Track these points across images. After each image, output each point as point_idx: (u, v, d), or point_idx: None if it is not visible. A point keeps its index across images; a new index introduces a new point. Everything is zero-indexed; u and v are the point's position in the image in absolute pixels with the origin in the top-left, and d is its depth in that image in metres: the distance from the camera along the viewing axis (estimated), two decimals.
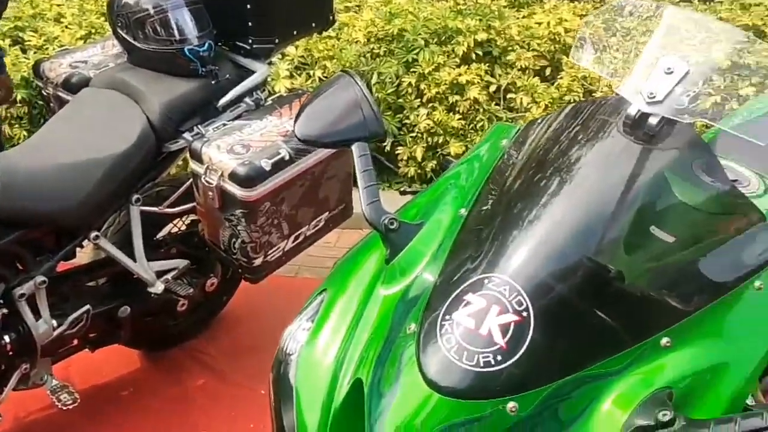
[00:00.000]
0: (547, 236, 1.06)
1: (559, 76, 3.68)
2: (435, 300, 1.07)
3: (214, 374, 2.45)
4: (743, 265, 1.09)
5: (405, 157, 3.50)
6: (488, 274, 1.03)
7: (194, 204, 2.18)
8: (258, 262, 2.13)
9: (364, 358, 1.09)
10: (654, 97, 1.09)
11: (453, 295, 1.03)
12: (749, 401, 1.03)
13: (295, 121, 1.31)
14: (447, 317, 1.01)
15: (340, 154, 2.18)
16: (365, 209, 1.21)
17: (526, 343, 0.96)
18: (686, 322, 1.02)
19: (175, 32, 2.10)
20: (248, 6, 2.14)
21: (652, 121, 1.09)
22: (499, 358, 0.96)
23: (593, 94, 3.57)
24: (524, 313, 0.98)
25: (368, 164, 1.24)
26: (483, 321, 0.98)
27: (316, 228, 2.30)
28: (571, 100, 3.54)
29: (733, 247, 1.11)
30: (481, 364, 0.96)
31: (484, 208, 1.20)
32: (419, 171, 3.51)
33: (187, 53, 2.10)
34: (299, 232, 2.22)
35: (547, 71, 3.78)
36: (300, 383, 1.12)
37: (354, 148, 1.26)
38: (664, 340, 1.01)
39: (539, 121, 1.32)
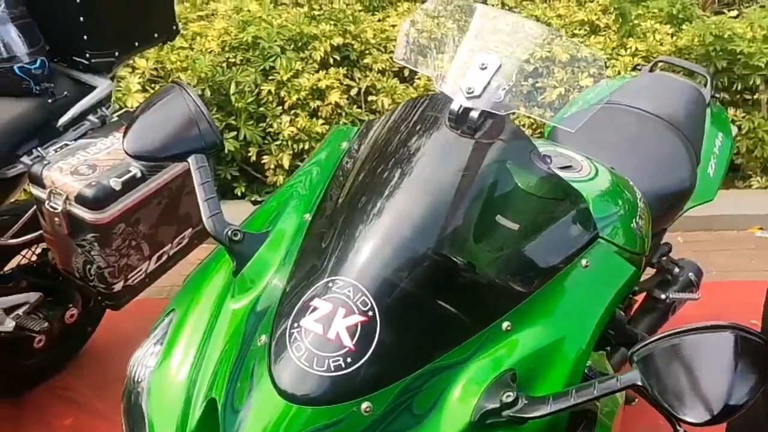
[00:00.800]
0: (386, 234, 1.07)
1: (416, 77, 3.77)
2: (283, 309, 1.06)
3: (83, 410, 2.31)
4: (570, 245, 1.15)
5: (272, 166, 3.46)
6: (333, 277, 1.04)
7: (41, 232, 2.05)
8: (118, 287, 2.02)
9: (217, 376, 1.06)
10: (472, 92, 1.14)
11: (300, 302, 1.03)
12: (587, 371, 1.09)
13: (124, 137, 1.26)
14: (295, 325, 1.01)
15: None
16: (206, 222, 1.18)
17: (374, 342, 0.97)
18: (524, 304, 1.07)
19: (2, 50, 1.96)
20: (81, 19, 2.03)
21: (474, 115, 1.13)
22: (349, 360, 0.96)
23: None
24: (370, 313, 0.99)
25: (207, 176, 1.22)
26: (330, 325, 0.98)
27: (180, 245, 2.22)
28: None
29: (560, 228, 1.18)
30: (332, 369, 0.96)
31: (327, 211, 1.20)
32: (287, 178, 3.48)
33: (18, 71, 1.96)
34: (162, 251, 2.13)
35: (405, 72, 3.87)
36: (152, 410, 1.08)
37: (191, 160, 1.23)
38: (505, 324, 1.06)
39: (376, 120, 1.34)
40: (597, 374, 1.08)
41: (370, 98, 3.66)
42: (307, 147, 3.47)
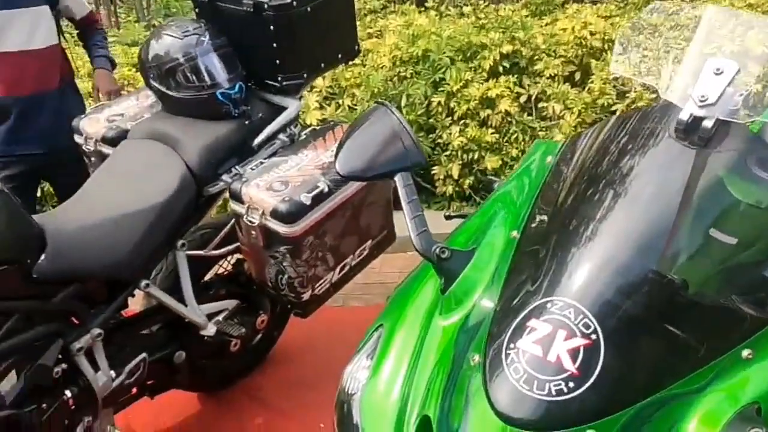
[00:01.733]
0: (607, 252, 1.02)
1: (589, 80, 3.64)
2: (497, 328, 1.04)
3: (272, 411, 2.43)
4: None
5: (441, 177, 3.48)
6: (550, 297, 1.00)
7: (238, 244, 2.19)
8: (306, 296, 2.12)
9: (430, 393, 1.06)
10: (706, 99, 1.05)
11: (516, 322, 1.00)
12: None
13: (336, 158, 1.30)
14: (512, 346, 0.98)
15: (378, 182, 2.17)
16: (415, 240, 1.19)
17: (599, 367, 0.93)
18: (766, 331, 0.98)
19: (206, 78, 2.12)
20: (275, 45, 2.16)
21: (707, 124, 1.05)
22: (571, 384, 0.92)
23: (626, 95, 3.51)
24: (593, 336, 0.94)
25: (413, 194, 1.23)
26: (550, 347, 0.95)
27: (361, 257, 2.29)
28: (605, 104, 3.49)
29: None
30: (554, 393, 0.92)
31: (538, 228, 1.17)
32: (457, 189, 3.49)
33: (220, 97, 2.12)
34: (344, 262, 2.21)
35: (577, 76, 3.74)
36: (366, 423, 1.10)
37: (397, 179, 1.24)
38: (746, 352, 0.96)
39: (583, 135, 1.29)
40: None
41: (540, 105, 3.57)
42: (476, 156, 3.45)
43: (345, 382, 1.18)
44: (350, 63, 3.58)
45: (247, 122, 2.17)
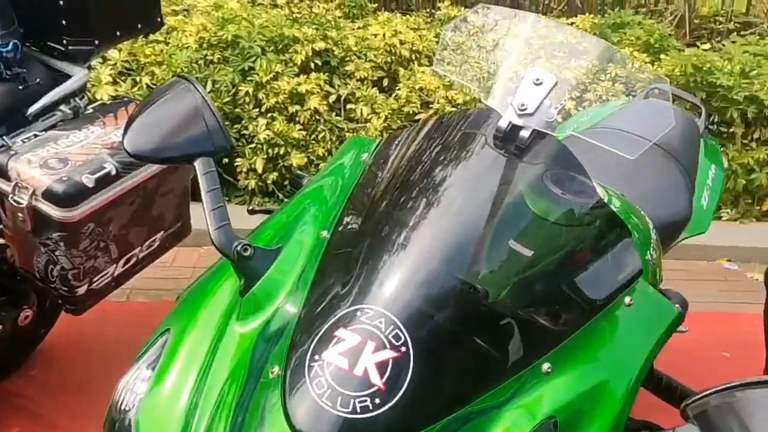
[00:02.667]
0: (420, 260, 0.98)
1: (396, 88, 3.71)
2: (300, 337, 0.95)
3: (34, 419, 2.13)
4: (613, 281, 1.08)
5: (244, 170, 3.34)
6: (360, 305, 0.93)
7: (0, 227, 1.89)
8: (82, 290, 1.88)
9: (220, 409, 0.94)
10: (525, 109, 1.05)
11: (321, 332, 0.92)
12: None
13: (125, 134, 1.13)
14: (316, 357, 0.90)
15: (175, 168, 1.99)
16: (213, 234, 1.06)
17: (407, 381, 0.88)
18: (564, 345, 0.99)
19: None
20: (61, 2, 1.89)
21: (524, 133, 1.05)
22: (377, 401, 0.86)
23: (430, 105, 3.63)
24: (403, 348, 0.89)
25: (215, 183, 1.10)
26: (358, 360, 0.88)
27: (150, 249, 2.09)
28: (410, 111, 3.57)
29: (605, 263, 1.11)
30: (358, 410, 0.86)
31: (349, 230, 1.10)
32: (260, 184, 3.36)
33: None
34: (131, 254, 2.00)
35: (385, 82, 3.80)
36: None
37: (197, 164, 1.11)
38: (545, 366, 0.97)
39: (401, 134, 1.24)
40: (639, 424, 1.00)
41: (349, 106, 3.57)
42: (282, 152, 3.35)
43: (119, 395, 1.02)
44: (151, 38, 3.31)
45: (20, 87, 1.89)
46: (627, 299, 1.06)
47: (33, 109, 1.92)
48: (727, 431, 0.83)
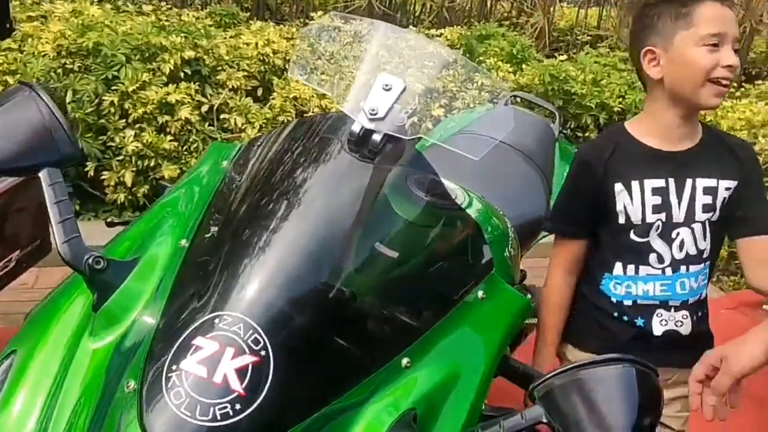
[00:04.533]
0: (278, 264, 0.98)
1: (271, 97, 3.69)
2: (158, 348, 0.92)
3: None
4: (468, 277, 1.12)
5: (112, 183, 3.20)
6: (219, 312, 0.92)
7: None
8: None
9: (72, 428, 0.89)
10: (376, 113, 1.08)
11: (179, 341, 0.90)
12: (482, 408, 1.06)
13: None
14: (173, 367, 0.87)
15: (29, 183, 1.88)
16: (61, 248, 1.01)
17: (267, 385, 0.87)
18: (422, 340, 1.02)
19: None
20: None
21: (376, 137, 1.07)
22: (237, 407, 0.85)
23: (305, 115, 3.63)
24: (262, 352, 0.88)
25: (62, 194, 1.05)
26: (216, 367, 0.87)
27: (6, 269, 1.97)
28: (285, 120, 3.55)
29: (458, 260, 1.15)
30: (218, 417, 0.84)
31: (208, 237, 1.07)
32: (130, 197, 3.23)
33: None
34: None
35: (259, 91, 3.77)
36: None
37: (42, 175, 1.05)
38: (404, 361, 0.99)
39: (261, 139, 1.24)
40: (495, 411, 1.05)
41: (222, 116, 3.50)
42: (152, 164, 3.24)
43: None
44: (2, 46, 3.11)
45: None
46: (480, 293, 1.11)
47: None
48: (570, 408, 0.88)
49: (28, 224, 1.99)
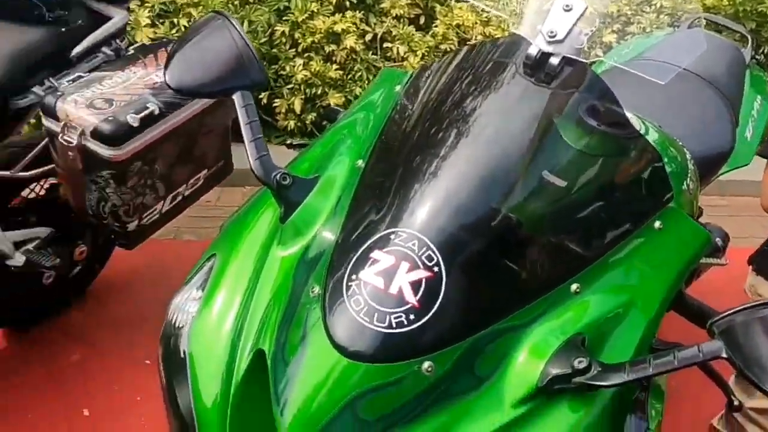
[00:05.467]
0: (451, 187, 1.01)
1: (433, 25, 3.65)
2: (338, 259, 0.99)
3: (92, 348, 2.27)
4: (645, 206, 1.09)
5: (283, 110, 3.37)
6: (394, 228, 0.97)
7: (52, 166, 1.97)
8: (132, 226, 1.97)
9: (265, 325, 1.00)
10: (554, 35, 1.05)
11: (358, 253, 0.97)
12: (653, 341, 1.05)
13: (165, 69, 1.17)
14: (353, 277, 0.95)
15: (216, 108, 2.04)
16: (254, 165, 1.11)
17: (439, 299, 0.92)
18: (593, 267, 1.02)
19: None
20: None
21: (554, 61, 1.05)
22: (411, 317, 0.91)
23: (467, 42, 3.58)
24: (435, 269, 0.93)
25: (253, 115, 1.13)
26: (392, 279, 0.93)
27: (194, 187, 2.16)
28: (447, 49, 3.53)
29: (636, 188, 1.12)
30: (394, 325, 0.90)
31: (383, 159, 1.13)
32: (299, 124, 3.40)
33: None
34: (176, 192, 2.08)
35: (422, 19, 3.74)
36: (194, 356, 1.02)
37: (236, 97, 1.14)
38: (574, 287, 1.00)
39: (433, 65, 1.26)
40: (666, 345, 1.03)
41: (385, 45, 3.54)
42: (319, 92, 3.37)
43: (171, 314, 1.09)
44: None
45: (63, 29, 1.94)
46: (657, 223, 1.07)
47: (76, 50, 1.97)
48: (752, 346, 0.85)
49: (214, 146, 2.16)
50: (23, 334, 2.29)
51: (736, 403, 1.07)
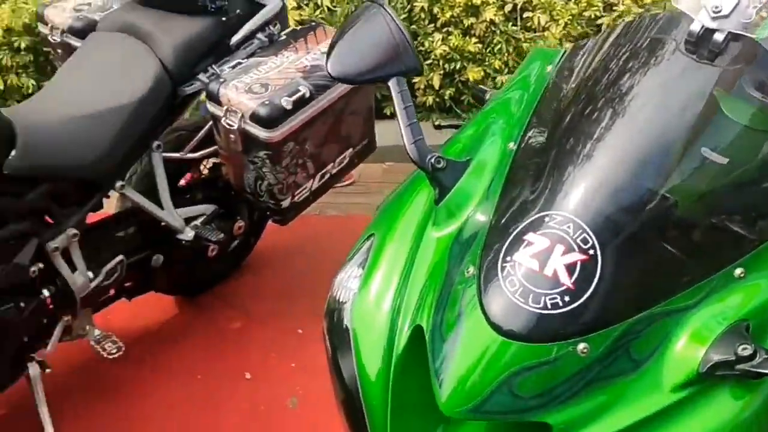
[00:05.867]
0: (607, 168, 1.00)
1: None
2: (493, 240, 1.02)
3: (249, 317, 2.45)
4: None
5: (422, 86, 3.40)
6: (548, 211, 0.98)
7: (215, 148, 2.14)
8: (286, 203, 2.10)
9: (422, 304, 1.06)
10: (719, 11, 1.01)
11: (512, 235, 0.99)
12: None
13: (327, 59, 1.24)
14: (508, 258, 0.97)
15: (360, 89, 2.11)
16: (409, 149, 1.15)
17: (594, 282, 0.92)
18: (760, 251, 0.98)
19: None
20: None
21: (718, 37, 1.01)
22: (567, 299, 0.92)
23: (614, 8, 3.43)
24: (590, 252, 0.94)
25: (408, 100, 1.18)
26: (547, 261, 0.94)
27: (341, 165, 2.26)
28: (591, 16, 3.40)
29: None
30: (549, 306, 0.92)
31: (536, 141, 1.14)
32: (437, 100, 3.42)
33: None
34: (325, 170, 2.18)
35: None
36: (357, 331, 1.10)
37: (391, 84, 1.19)
38: (738, 271, 0.97)
39: (586, 43, 1.24)
40: None
41: (525, 15, 3.47)
42: (458, 66, 3.37)
43: (336, 290, 1.17)
44: None
45: (224, 18, 2.07)
46: None
47: (235, 38, 2.09)
48: None
49: (359, 125, 2.24)
50: (191, 302, 2.51)
51: None
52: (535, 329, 0.92)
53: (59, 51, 2.21)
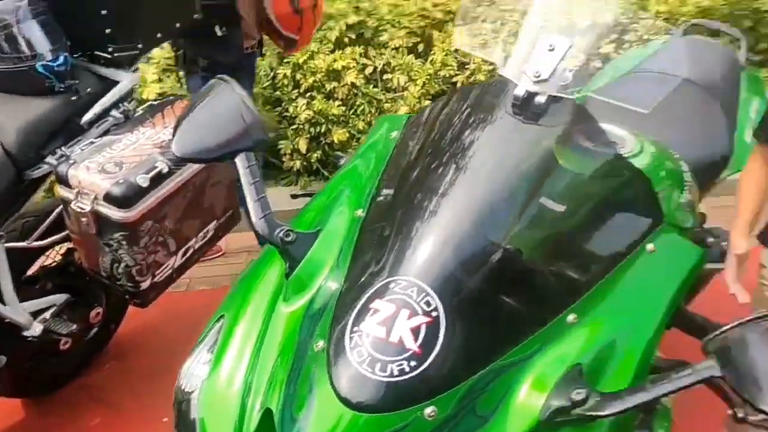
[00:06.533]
0: (447, 229, 1.03)
1: (431, 52, 3.70)
2: (341, 311, 1.02)
3: (111, 408, 2.29)
4: (636, 230, 1.11)
5: (288, 151, 3.42)
6: (393, 277, 1.00)
7: (66, 232, 2.02)
8: (146, 285, 1.99)
9: (273, 384, 1.03)
10: (539, 76, 1.08)
11: (359, 304, 0.99)
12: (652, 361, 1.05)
13: (173, 138, 1.21)
14: (355, 329, 0.97)
15: None
16: (257, 224, 1.14)
17: (438, 344, 0.94)
18: (589, 295, 1.03)
19: (24, 48, 1.91)
20: (103, 12, 1.98)
21: (540, 99, 1.08)
22: (413, 363, 0.93)
23: (466, 67, 3.62)
24: (434, 313, 0.95)
25: (255, 176, 1.17)
26: (392, 328, 0.95)
27: (205, 239, 2.19)
28: (446, 75, 3.57)
29: (626, 213, 1.14)
30: (396, 373, 0.92)
31: (382, 206, 1.16)
32: (305, 163, 3.44)
33: (41, 69, 1.91)
34: (187, 246, 2.11)
35: (420, 47, 3.79)
36: (206, 420, 1.05)
37: (238, 160, 1.18)
38: (571, 317, 1.02)
39: (427, 109, 1.29)
40: (669, 363, 1.04)
41: (385, 76, 3.59)
42: (323, 129, 3.42)
43: (182, 379, 1.12)
44: None
45: (74, 98, 1.99)
46: (649, 246, 1.09)
47: (87, 117, 2.01)
48: (746, 364, 0.85)
49: (222, 197, 2.19)
50: (46, 400, 2.31)
51: (740, 415, 1.06)
52: (382, 399, 0.92)
53: None
